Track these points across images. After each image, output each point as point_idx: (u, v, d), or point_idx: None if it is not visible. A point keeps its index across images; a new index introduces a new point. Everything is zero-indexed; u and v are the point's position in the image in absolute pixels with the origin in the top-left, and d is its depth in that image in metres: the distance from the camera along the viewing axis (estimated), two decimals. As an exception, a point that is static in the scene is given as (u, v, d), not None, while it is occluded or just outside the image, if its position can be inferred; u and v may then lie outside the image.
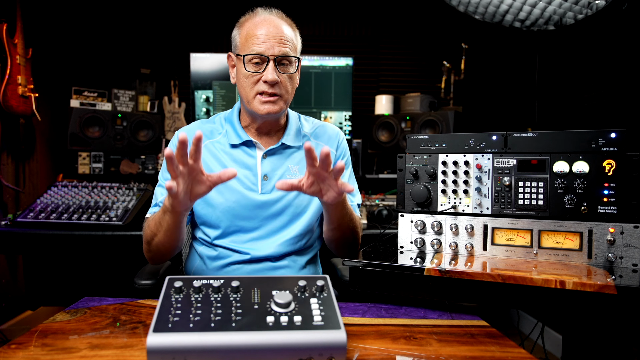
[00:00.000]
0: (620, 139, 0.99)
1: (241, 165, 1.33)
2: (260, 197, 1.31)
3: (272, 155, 1.35)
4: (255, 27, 1.26)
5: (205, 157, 1.32)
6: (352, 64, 2.87)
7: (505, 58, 3.26)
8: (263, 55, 1.24)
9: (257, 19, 1.28)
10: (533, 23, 2.03)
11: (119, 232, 1.97)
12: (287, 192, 1.34)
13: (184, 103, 3.08)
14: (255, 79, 1.26)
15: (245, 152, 1.34)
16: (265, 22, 1.27)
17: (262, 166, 1.33)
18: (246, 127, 1.37)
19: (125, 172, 2.78)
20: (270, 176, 1.33)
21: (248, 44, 1.25)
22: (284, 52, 1.25)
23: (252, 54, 1.24)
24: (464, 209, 1.12)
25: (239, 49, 1.29)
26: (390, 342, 0.85)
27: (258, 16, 1.29)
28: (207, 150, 1.33)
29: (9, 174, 2.64)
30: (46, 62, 2.91)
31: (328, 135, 1.44)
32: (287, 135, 1.37)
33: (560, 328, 2.54)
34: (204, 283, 0.82)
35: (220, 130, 1.38)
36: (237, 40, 1.31)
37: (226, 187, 1.30)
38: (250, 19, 1.30)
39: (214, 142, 1.35)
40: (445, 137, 1.14)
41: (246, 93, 1.28)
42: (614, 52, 2.25)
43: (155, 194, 1.35)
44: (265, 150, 1.34)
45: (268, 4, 1.36)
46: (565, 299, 0.88)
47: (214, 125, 1.40)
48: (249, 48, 1.25)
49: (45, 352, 0.77)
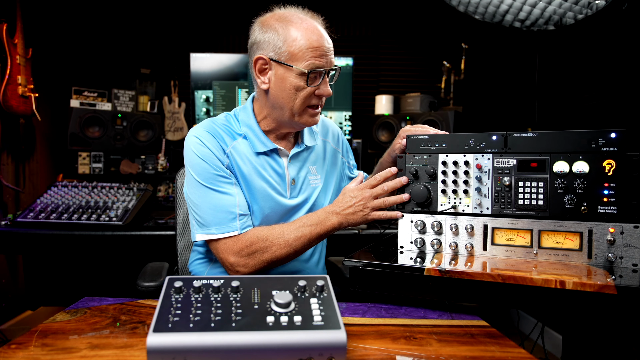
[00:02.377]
0: (620, 139, 0.99)
1: (272, 170, 1.30)
2: (289, 202, 1.31)
3: (296, 158, 1.34)
4: (309, 35, 1.18)
5: (237, 160, 1.26)
6: (352, 64, 2.87)
7: (505, 58, 3.26)
8: (322, 70, 1.19)
9: (304, 25, 1.19)
10: (533, 23, 2.03)
11: (119, 232, 1.97)
12: (310, 194, 1.35)
13: (184, 103, 3.08)
14: (310, 92, 1.21)
15: (271, 158, 1.30)
16: (318, 31, 1.20)
17: (289, 170, 1.32)
18: (267, 132, 1.31)
19: (125, 172, 2.78)
20: (297, 180, 1.33)
21: (304, 56, 1.17)
22: (334, 64, 1.24)
23: (315, 70, 1.18)
24: (464, 209, 1.12)
25: (285, 56, 1.18)
26: (390, 342, 0.85)
27: (303, 21, 1.20)
28: (236, 153, 1.26)
29: (9, 174, 2.64)
30: (46, 62, 2.91)
31: (332, 134, 1.49)
32: (305, 135, 1.37)
33: (560, 328, 2.54)
34: (204, 283, 0.82)
35: (239, 131, 1.29)
36: (280, 47, 1.18)
37: (259, 192, 1.27)
38: (297, 24, 1.19)
39: (238, 143, 1.28)
40: (445, 137, 1.14)
41: (293, 105, 1.21)
42: (614, 52, 2.25)
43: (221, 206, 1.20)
44: (291, 155, 1.32)
45: (267, 4, 1.33)
46: (565, 299, 0.88)
47: (229, 126, 1.30)
48: (307, 61, 1.17)
49: (45, 352, 0.77)
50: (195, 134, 1.25)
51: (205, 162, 1.21)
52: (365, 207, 1.18)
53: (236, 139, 1.28)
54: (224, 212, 1.20)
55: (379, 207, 1.18)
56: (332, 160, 1.45)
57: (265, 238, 1.19)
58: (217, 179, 1.22)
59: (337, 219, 1.20)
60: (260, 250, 1.19)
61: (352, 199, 1.19)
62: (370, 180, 1.20)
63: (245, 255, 1.19)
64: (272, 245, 1.19)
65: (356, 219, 1.19)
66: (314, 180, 1.37)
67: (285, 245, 1.19)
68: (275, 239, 1.19)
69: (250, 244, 1.19)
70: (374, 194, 1.18)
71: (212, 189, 1.21)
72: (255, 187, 1.26)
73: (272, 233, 1.20)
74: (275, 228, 1.21)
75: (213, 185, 1.21)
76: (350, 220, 1.19)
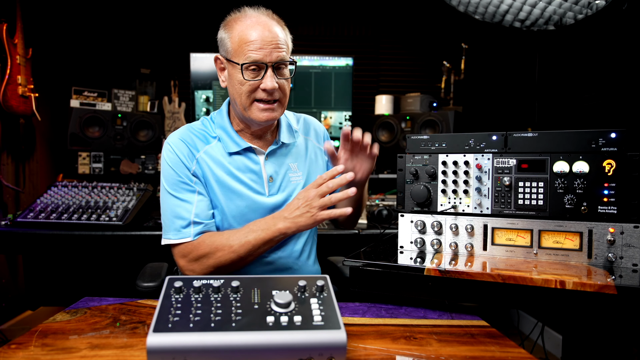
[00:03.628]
0: (620, 139, 0.99)
1: (245, 169, 1.30)
2: (268, 200, 1.31)
3: (273, 155, 1.35)
4: (248, 30, 1.20)
5: (209, 164, 1.28)
6: (352, 64, 2.87)
7: (505, 58, 3.26)
8: (261, 63, 1.21)
9: (247, 21, 1.22)
10: (533, 23, 2.03)
11: (119, 232, 1.97)
12: (292, 191, 1.34)
13: (184, 103, 3.08)
14: (252, 86, 1.22)
15: (246, 157, 1.32)
16: (259, 25, 1.21)
17: (266, 168, 1.32)
18: (240, 132, 1.33)
19: (125, 172, 2.78)
20: (275, 177, 1.33)
21: (243, 50, 1.20)
22: (281, 58, 1.22)
23: (249, 62, 1.20)
24: (464, 209, 1.12)
25: (230, 54, 1.23)
26: (390, 342, 0.85)
27: (248, 18, 1.23)
28: (208, 157, 1.29)
29: (9, 174, 2.64)
30: (46, 62, 2.91)
31: (315, 132, 1.48)
32: (282, 133, 1.37)
33: (560, 328, 2.54)
34: (204, 283, 0.82)
35: (213, 134, 1.32)
36: (227, 44, 1.25)
37: (235, 193, 1.28)
38: (240, 21, 1.23)
39: (212, 147, 1.30)
40: (446, 137, 1.14)
41: (242, 100, 1.24)
42: (614, 52, 2.25)
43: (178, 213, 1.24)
44: (267, 152, 1.33)
45: (266, 4, 1.33)
46: (565, 299, 0.88)
47: (205, 129, 1.34)
48: (245, 55, 1.20)
49: (45, 352, 0.77)
50: (168, 141, 1.30)
51: (172, 169, 1.26)
52: (312, 208, 1.14)
53: (210, 143, 1.31)
54: (179, 219, 1.24)
55: (325, 206, 1.14)
56: (314, 158, 1.44)
57: (211, 243, 1.21)
58: (180, 186, 1.26)
59: (284, 224, 1.17)
60: (205, 256, 1.21)
61: (299, 201, 1.17)
62: (317, 179, 1.16)
63: (192, 260, 1.22)
64: (217, 250, 1.20)
65: (305, 221, 1.15)
66: (294, 177, 1.36)
67: (230, 251, 1.19)
68: (221, 245, 1.20)
69: (197, 249, 1.22)
70: (319, 193, 1.14)
71: (174, 195, 1.26)
72: (230, 188, 1.28)
73: (219, 239, 1.21)
74: (224, 234, 1.23)
75: (175, 191, 1.26)
76: (300, 223, 1.16)
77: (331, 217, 1.15)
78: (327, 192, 1.14)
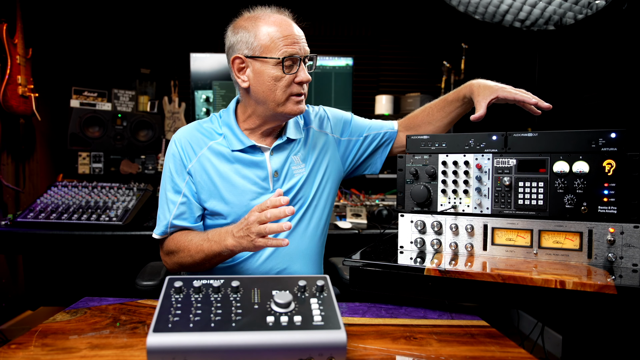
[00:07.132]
0: (620, 139, 0.99)
1: (250, 165, 1.31)
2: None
3: (278, 150, 1.35)
4: (278, 27, 1.22)
5: (212, 159, 1.30)
6: (352, 64, 2.87)
7: (505, 58, 3.26)
8: (296, 57, 1.22)
9: (272, 19, 1.24)
10: (533, 23, 2.03)
11: (119, 232, 1.97)
12: (294, 184, 1.34)
13: (184, 103, 3.08)
14: (289, 80, 1.23)
15: (251, 153, 1.32)
16: (286, 22, 1.24)
17: (271, 163, 1.32)
18: (249, 130, 1.33)
19: (125, 172, 2.78)
20: (280, 172, 1.33)
21: (277, 46, 1.20)
22: (309, 51, 1.27)
23: (287, 56, 1.21)
24: (464, 209, 1.12)
25: (259, 51, 1.22)
26: (390, 342, 0.85)
27: (270, 16, 1.25)
28: (211, 152, 1.30)
29: (9, 174, 2.64)
30: (46, 62, 2.91)
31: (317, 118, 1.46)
32: (289, 129, 1.37)
33: (560, 328, 2.54)
34: (204, 283, 0.82)
35: (219, 131, 1.34)
36: (252, 43, 1.23)
37: (238, 188, 1.29)
38: (262, 19, 1.24)
39: (217, 143, 1.32)
40: (445, 137, 1.14)
41: (276, 96, 1.24)
42: (614, 52, 2.25)
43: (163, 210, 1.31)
44: (272, 147, 1.33)
45: (270, 3, 1.34)
46: (565, 299, 0.88)
47: (212, 125, 1.36)
48: (279, 50, 1.20)
49: (45, 352, 0.77)
50: (174, 136, 1.35)
51: (170, 162, 1.32)
52: (250, 232, 1.07)
53: (215, 139, 1.33)
54: (163, 215, 1.31)
55: (261, 234, 1.06)
56: (320, 145, 1.42)
57: (177, 242, 1.26)
58: (171, 184, 1.31)
59: (231, 242, 1.12)
60: (172, 253, 1.28)
61: (243, 222, 1.10)
62: (262, 204, 1.07)
63: (165, 254, 1.32)
64: (180, 251, 1.25)
65: (246, 244, 1.09)
66: (297, 170, 1.36)
67: (188, 255, 1.23)
68: (183, 246, 1.24)
69: (167, 245, 1.30)
70: (258, 219, 1.05)
71: (165, 191, 1.32)
72: (234, 184, 1.29)
73: (184, 240, 1.25)
74: (190, 235, 1.26)
75: (166, 189, 1.32)
76: (243, 244, 1.10)
77: (268, 245, 1.08)
78: (266, 221, 1.04)
